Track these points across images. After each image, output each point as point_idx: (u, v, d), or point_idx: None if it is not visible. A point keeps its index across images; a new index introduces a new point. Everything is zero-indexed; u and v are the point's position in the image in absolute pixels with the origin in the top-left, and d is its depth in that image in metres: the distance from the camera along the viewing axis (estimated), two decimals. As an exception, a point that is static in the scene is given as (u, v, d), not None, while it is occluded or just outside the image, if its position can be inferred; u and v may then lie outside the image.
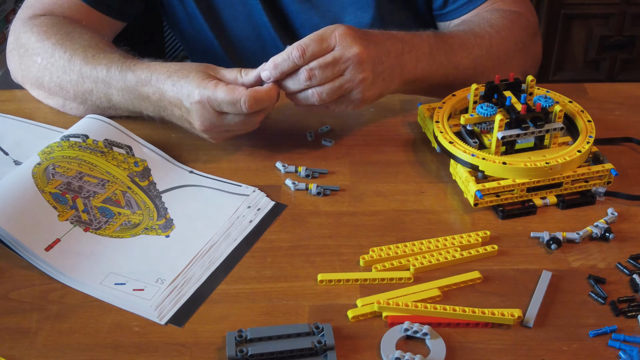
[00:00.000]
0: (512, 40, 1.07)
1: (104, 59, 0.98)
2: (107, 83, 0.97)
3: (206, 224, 0.88)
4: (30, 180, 0.86)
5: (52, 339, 0.74)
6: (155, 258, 0.83)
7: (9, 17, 2.12)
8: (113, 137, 0.95)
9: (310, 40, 0.89)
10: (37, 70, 1.02)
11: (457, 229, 0.87)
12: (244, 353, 0.70)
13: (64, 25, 1.03)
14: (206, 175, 0.95)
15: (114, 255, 0.84)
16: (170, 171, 0.95)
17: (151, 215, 0.89)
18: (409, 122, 1.05)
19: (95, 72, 0.97)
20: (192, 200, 0.91)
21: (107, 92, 0.97)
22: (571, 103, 0.98)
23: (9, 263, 0.82)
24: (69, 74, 0.99)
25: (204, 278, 0.81)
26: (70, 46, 1.00)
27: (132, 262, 0.83)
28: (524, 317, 0.76)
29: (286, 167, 0.95)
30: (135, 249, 0.84)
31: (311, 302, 0.78)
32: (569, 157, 0.88)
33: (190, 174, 0.95)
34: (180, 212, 0.90)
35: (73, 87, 1.00)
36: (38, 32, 1.03)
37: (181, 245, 0.85)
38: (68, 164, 0.90)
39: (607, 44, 2.34)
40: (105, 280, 0.80)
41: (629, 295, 0.78)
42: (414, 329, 0.73)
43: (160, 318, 0.76)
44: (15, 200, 0.84)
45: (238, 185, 0.93)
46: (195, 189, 0.93)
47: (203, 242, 0.85)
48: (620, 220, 0.88)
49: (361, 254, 0.83)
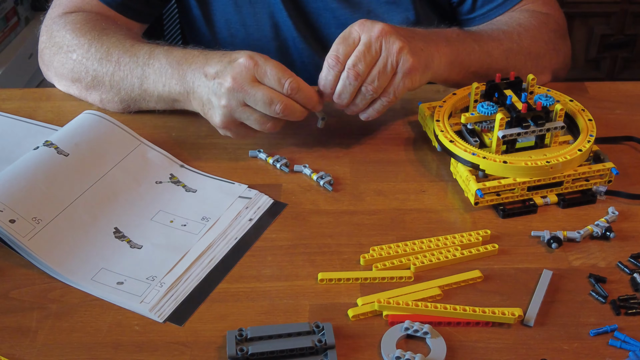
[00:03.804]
0: (541, 39, 1.07)
1: (146, 45, 0.99)
2: (147, 63, 0.97)
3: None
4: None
5: (52, 338, 0.74)
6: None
7: (9, 16, 2.12)
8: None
9: (337, 45, 0.89)
10: (73, 65, 1.03)
11: (458, 227, 0.87)
12: (244, 352, 0.70)
13: (98, 22, 1.04)
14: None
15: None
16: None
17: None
18: (410, 121, 1.05)
19: (135, 58, 0.98)
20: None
21: (143, 73, 0.97)
22: (572, 102, 0.98)
23: (9, 262, 0.82)
24: (105, 65, 1.00)
25: (203, 276, 0.81)
26: (107, 40, 1.01)
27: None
28: (525, 316, 0.75)
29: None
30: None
31: (311, 301, 0.78)
32: (570, 156, 0.88)
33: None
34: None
35: (109, 77, 1.00)
36: (72, 29, 1.03)
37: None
38: None
39: (607, 43, 2.34)
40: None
41: (630, 294, 0.78)
42: (415, 328, 0.73)
43: (158, 316, 0.76)
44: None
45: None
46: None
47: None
48: (621, 219, 0.88)
49: (361, 252, 0.83)
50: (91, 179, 0.89)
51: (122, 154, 0.94)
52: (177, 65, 0.95)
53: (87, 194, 0.88)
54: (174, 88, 0.95)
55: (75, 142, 0.91)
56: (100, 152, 0.92)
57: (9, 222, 0.81)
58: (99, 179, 0.90)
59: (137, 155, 0.95)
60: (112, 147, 0.94)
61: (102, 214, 0.87)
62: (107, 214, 0.87)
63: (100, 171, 0.91)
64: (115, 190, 0.90)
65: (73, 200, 0.87)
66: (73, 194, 0.87)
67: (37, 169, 0.87)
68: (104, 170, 0.91)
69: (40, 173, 0.87)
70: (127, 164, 0.93)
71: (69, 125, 0.95)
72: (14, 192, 0.84)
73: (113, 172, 0.91)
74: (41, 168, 0.87)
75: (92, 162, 0.91)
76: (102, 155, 0.92)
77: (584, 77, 2.36)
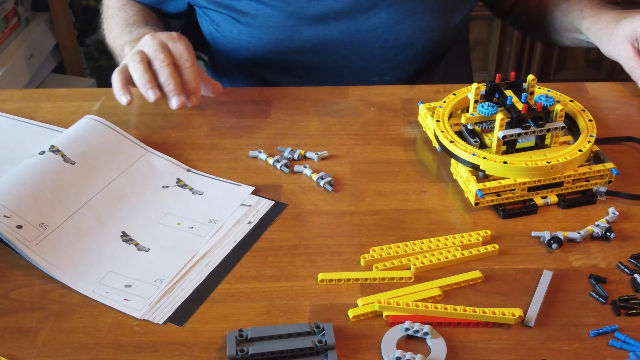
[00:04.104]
0: None
1: (146, 26, 1.15)
2: (131, 23, 1.17)
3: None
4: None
5: (52, 338, 0.74)
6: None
7: (9, 17, 2.12)
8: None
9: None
10: (103, 18, 1.25)
11: (458, 228, 0.87)
12: (245, 352, 0.70)
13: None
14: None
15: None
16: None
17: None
18: (410, 121, 1.05)
19: (119, 35, 1.16)
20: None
21: (120, 38, 1.15)
22: (572, 102, 0.98)
23: (9, 263, 0.82)
24: (113, 19, 1.21)
25: (203, 277, 0.80)
26: (131, 8, 1.22)
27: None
28: (525, 317, 0.75)
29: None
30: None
31: (312, 302, 0.78)
32: (570, 156, 0.88)
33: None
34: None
35: (112, 24, 1.21)
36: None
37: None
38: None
39: (608, 44, 2.33)
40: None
41: (630, 294, 0.78)
42: (415, 328, 0.73)
43: (155, 318, 0.76)
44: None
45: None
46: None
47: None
48: (621, 220, 0.88)
49: (362, 253, 0.83)
50: (98, 186, 0.90)
51: (128, 163, 0.94)
52: (143, 25, 1.14)
53: (94, 201, 0.88)
54: (124, 38, 1.12)
55: (82, 151, 0.92)
56: (106, 161, 0.93)
57: (16, 227, 0.81)
58: (106, 186, 0.90)
59: (143, 163, 0.95)
60: (118, 157, 0.94)
61: (109, 218, 0.87)
62: (114, 219, 0.87)
63: (106, 179, 0.91)
64: (122, 196, 0.90)
65: (80, 207, 0.87)
66: (80, 200, 0.88)
67: (43, 176, 0.87)
68: (110, 178, 0.92)
69: (47, 180, 0.87)
70: (133, 171, 0.93)
71: (75, 131, 0.95)
72: (21, 198, 0.84)
73: (119, 180, 0.92)
74: (48, 175, 0.88)
75: (99, 171, 0.92)
76: (108, 164, 0.93)
77: (584, 78, 2.36)
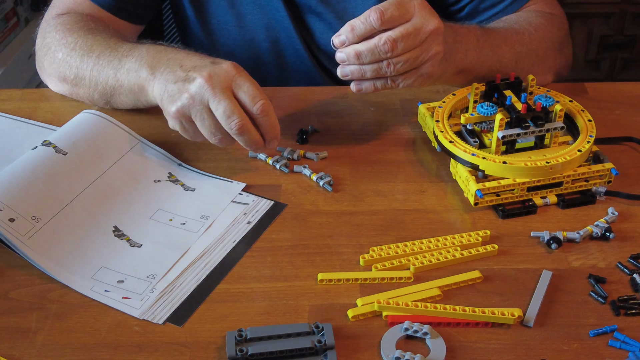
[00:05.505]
0: (549, 39, 1.07)
1: (130, 43, 0.97)
2: (126, 55, 0.95)
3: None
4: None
5: (51, 338, 0.74)
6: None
7: (9, 17, 2.12)
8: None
9: (389, 4, 0.86)
10: (59, 64, 1.02)
11: (458, 228, 0.87)
12: (244, 352, 0.70)
13: (87, 22, 1.04)
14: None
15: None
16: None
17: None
18: (409, 121, 1.05)
19: (115, 52, 0.96)
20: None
21: (120, 63, 0.95)
22: (571, 102, 0.98)
23: (9, 263, 0.82)
24: (86, 61, 0.99)
25: (202, 277, 0.80)
26: (92, 38, 1.00)
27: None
28: (524, 317, 0.75)
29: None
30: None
31: (311, 302, 0.78)
32: (570, 156, 0.88)
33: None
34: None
35: (89, 72, 0.99)
36: (62, 30, 1.03)
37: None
38: None
39: (607, 44, 2.34)
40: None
41: (630, 294, 0.78)
42: (414, 328, 0.73)
43: (155, 318, 0.76)
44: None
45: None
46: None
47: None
48: (620, 220, 0.88)
49: (361, 253, 0.83)
50: (90, 177, 0.90)
51: (121, 152, 0.94)
52: (155, 53, 0.92)
53: (86, 193, 0.88)
54: (142, 73, 0.91)
55: (74, 140, 0.92)
56: (98, 150, 0.92)
57: (8, 221, 0.81)
58: (98, 177, 0.90)
59: (135, 154, 0.95)
60: (110, 146, 0.94)
61: (101, 212, 0.87)
62: (106, 213, 0.87)
63: (98, 170, 0.91)
64: (114, 189, 0.90)
65: (72, 199, 0.87)
66: (72, 192, 0.87)
67: (35, 168, 0.87)
68: (102, 169, 0.91)
69: (39, 172, 0.87)
70: (125, 162, 0.93)
71: (68, 124, 0.95)
72: (13, 191, 0.84)
73: (111, 171, 0.91)
74: (40, 167, 0.87)
75: (91, 161, 0.91)
76: (100, 153, 0.92)
77: (583, 78, 2.36)
